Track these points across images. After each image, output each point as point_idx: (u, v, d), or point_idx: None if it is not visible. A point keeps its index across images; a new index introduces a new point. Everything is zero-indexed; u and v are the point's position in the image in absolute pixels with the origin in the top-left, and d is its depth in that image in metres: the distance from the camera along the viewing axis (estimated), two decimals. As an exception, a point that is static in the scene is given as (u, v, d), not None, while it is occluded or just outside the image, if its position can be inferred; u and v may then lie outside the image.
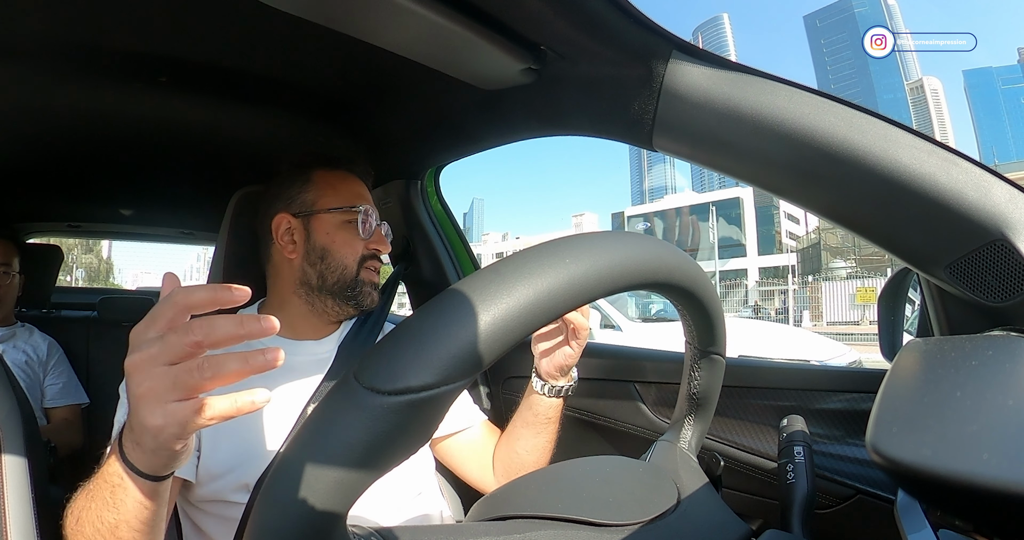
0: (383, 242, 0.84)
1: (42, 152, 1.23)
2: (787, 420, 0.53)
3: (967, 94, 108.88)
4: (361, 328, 0.86)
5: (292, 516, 0.24)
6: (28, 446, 0.70)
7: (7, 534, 0.63)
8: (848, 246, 27.87)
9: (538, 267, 0.29)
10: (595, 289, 0.30)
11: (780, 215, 34.12)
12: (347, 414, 0.25)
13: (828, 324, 19.80)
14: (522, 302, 0.27)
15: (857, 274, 25.32)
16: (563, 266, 0.29)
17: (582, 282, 0.29)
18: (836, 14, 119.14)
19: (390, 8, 0.58)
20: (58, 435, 1.47)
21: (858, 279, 22.57)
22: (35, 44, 0.77)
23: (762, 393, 0.81)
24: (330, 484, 0.24)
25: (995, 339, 0.40)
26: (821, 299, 20.98)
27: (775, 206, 33.80)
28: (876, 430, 0.24)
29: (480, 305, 0.27)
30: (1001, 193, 0.46)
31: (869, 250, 25.35)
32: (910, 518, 0.35)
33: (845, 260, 28.20)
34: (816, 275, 27.14)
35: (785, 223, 34.26)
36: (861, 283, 20.62)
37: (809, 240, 31.34)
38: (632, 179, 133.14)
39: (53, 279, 1.91)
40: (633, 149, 6.27)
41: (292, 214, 0.81)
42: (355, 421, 0.24)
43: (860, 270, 26.20)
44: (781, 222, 34.11)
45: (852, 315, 19.59)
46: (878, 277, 19.07)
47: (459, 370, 0.26)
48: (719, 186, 50.90)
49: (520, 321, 0.27)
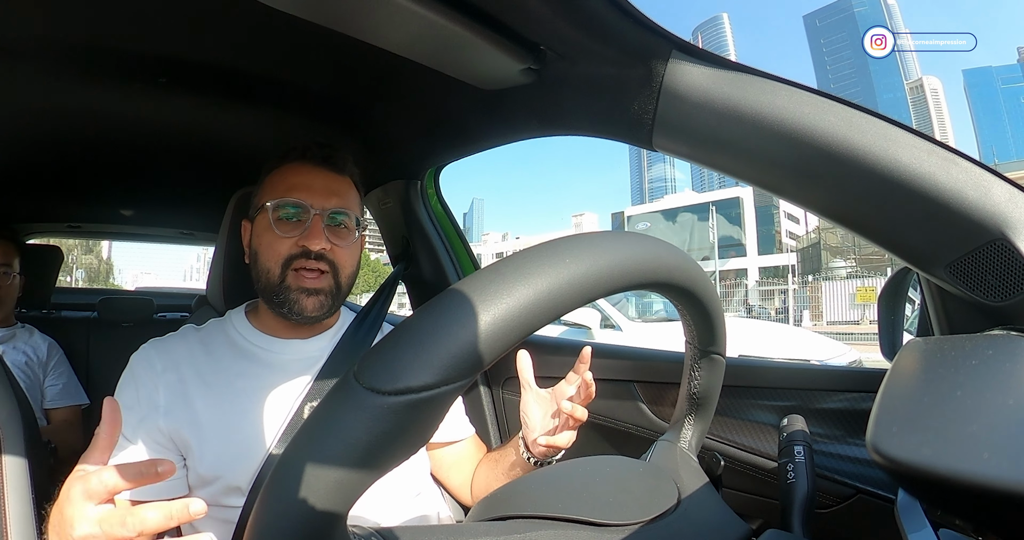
0: (313, 237, 0.71)
1: (42, 153, 1.23)
2: (787, 419, 0.52)
3: (967, 93, 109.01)
4: (359, 326, 0.84)
5: (292, 516, 0.24)
6: (29, 447, 0.70)
7: (8, 534, 0.63)
8: (848, 245, 27.92)
9: (538, 267, 0.29)
10: (595, 289, 0.30)
11: (780, 215, 34.16)
12: (347, 414, 0.25)
13: (828, 323, 19.80)
14: (522, 302, 0.27)
15: (857, 274, 25.32)
16: (563, 266, 0.29)
17: (582, 282, 0.29)
18: (836, 14, 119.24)
19: (390, 8, 0.58)
20: (58, 436, 1.47)
21: (858, 278, 22.59)
22: (35, 45, 0.77)
23: (762, 393, 0.81)
24: (330, 484, 0.24)
25: (995, 338, 0.40)
26: (821, 299, 21.00)
27: (775, 206, 33.87)
28: (876, 430, 0.24)
29: (480, 305, 0.27)
30: (1001, 192, 0.46)
31: (869, 249, 25.41)
32: (910, 518, 0.35)
33: (845, 259, 28.20)
34: (816, 275, 27.19)
35: (785, 223, 34.26)
36: (861, 282, 20.65)
37: (809, 240, 31.37)
38: (632, 178, 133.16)
39: (53, 280, 1.91)
40: (633, 147, 6.39)
41: (248, 218, 0.80)
42: (355, 421, 0.24)
43: (860, 269, 26.23)
44: (781, 222, 34.12)
45: (852, 315, 19.61)
46: (878, 276, 19.11)
47: (459, 370, 0.26)
48: (719, 186, 50.82)
49: (520, 321, 0.27)
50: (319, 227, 0.72)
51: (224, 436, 0.69)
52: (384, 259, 5.00)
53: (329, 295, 0.74)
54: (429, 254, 1.19)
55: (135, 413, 0.68)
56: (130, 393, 0.70)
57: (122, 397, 0.70)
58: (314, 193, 0.73)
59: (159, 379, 0.71)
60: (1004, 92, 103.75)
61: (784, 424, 0.52)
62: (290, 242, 0.72)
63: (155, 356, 0.73)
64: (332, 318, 0.83)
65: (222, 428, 0.70)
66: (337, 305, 0.77)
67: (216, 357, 0.75)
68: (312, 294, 0.73)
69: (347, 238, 0.75)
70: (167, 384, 0.71)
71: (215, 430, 0.69)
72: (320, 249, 0.71)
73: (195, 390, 0.71)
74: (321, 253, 0.72)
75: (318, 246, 0.71)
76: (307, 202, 0.72)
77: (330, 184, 0.76)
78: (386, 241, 1.33)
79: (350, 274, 0.77)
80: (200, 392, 0.71)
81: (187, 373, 0.72)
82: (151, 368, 0.72)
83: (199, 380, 0.72)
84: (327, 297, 0.74)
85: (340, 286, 0.75)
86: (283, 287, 0.72)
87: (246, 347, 0.76)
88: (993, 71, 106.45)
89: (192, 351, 0.75)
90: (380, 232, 1.33)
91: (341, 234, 0.75)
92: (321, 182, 0.75)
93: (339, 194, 0.76)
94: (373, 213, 1.33)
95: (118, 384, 0.73)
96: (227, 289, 0.89)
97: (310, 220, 0.72)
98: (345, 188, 0.78)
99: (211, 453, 0.68)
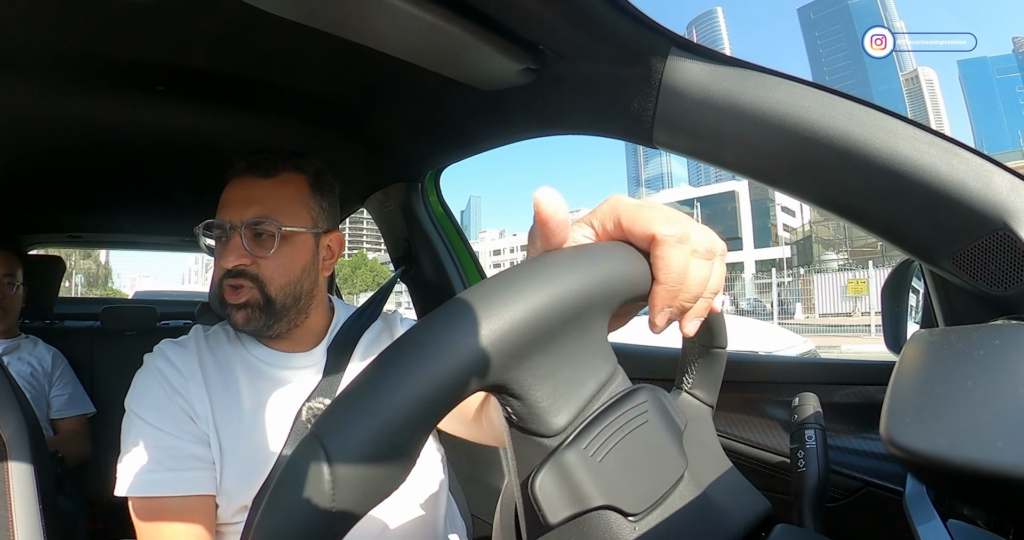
0: (226, 255, 0.70)
1: (42, 163, 1.23)
2: (799, 398, 0.48)
3: (962, 84, 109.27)
4: (356, 322, 0.84)
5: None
6: (34, 457, 0.70)
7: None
8: (840, 238, 27.94)
9: (504, 302, 0.26)
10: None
11: (776, 208, 34.17)
12: (309, 473, 0.24)
13: (820, 315, 19.84)
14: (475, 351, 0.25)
15: (848, 266, 25.31)
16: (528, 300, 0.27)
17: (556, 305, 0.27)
18: (830, 6, 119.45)
19: (387, 11, 0.58)
20: (66, 446, 1.47)
21: (849, 271, 22.60)
22: (30, 55, 0.77)
23: (765, 387, 0.81)
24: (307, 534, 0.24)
25: (1001, 328, 0.41)
26: (813, 291, 21.04)
27: (771, 199, 33.89)
28: (890, 422, 0.24)
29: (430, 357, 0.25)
30: (1003, 182, 0.46)
31: (860, 242, 25.66)
32: (919, 509, 0.35)
33: (837, 252, 28.23)
34: (808, 267, 27.24)
35: (781, 216, 34.27)
36: (852, 275, 20.71)
37: (803, 232, 31.41)
38: (628, 173, 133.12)
39: (56, 290, 1.91)
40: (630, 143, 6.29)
41: None
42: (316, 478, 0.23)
43: (852, 262, 26.22)
44: (777, 215, 34.14)
45: (844, 307, 19.65)
46: (870, 269, 19.17)
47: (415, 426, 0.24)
48: (715, 180, 50.44)
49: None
50: (236, 242, 0.71)
51: (237, 454, 0.69)
52: (382, 258, 4.86)
53: (256, 308, 0.72)
54: (431, 256, 1.19)
55: (171, 404, 0.69)
56: (159, 391, 0.70)
57: (149, 393, 0.70)
58: (231, 208, 0.72)
59: (187, 383, 0.71)
60: (999, 82, 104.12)
61: (796, 404, 0.48)
62: (220, 263, 0.72)
63: (175, 359, 0.73)
64: (323, 323, 0.82)
65: (236, 446, 0.70)
66: (272, 317, 0.73)
67: (225, 369, 0.75)
68: (239, 308, 0.72)
69: (268, 247, 0.71)
70: (194, 392, 0.71)
71: (231, 448, 0.70)
72: (234, 266, 0.70)
73: (214, 404, 0.71)
74: (238, 269, 0.71)
75: (230, 263, 0.70)
76: (225, 219, 0.72)
77: (250, 193, 0.73)
78: (387, 244, 1.33)
79: (283, 285, 0.73)
80: (218, 407, 0.71)
81: (205, 384, 0.72)
82: (176, 371, 0.72)
83: (215, 394, 0.72)
84: (254, 310, 0.72)
85: (270, 298, 0.72)
86: (224, 302, 0.73)
87: (252, 362, 0.76)
88: (988, 61, 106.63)
89: (204, 359, 0.75)
90: (381, 235, 1.34)
91: (262, 244, 0.72)
92: (240, 194, 0.73)
93: (259, 201, 0.72)
94: (374, 216, 1.33)
95: (136, 383, 0.72)
96: None
97: (229, 237, 0.72)
98: (269, 193, 0.73)
99: (231, 469, 0.69)
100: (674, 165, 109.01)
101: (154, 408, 0.69)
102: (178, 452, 0.67)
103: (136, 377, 0.73)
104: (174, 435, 0.68)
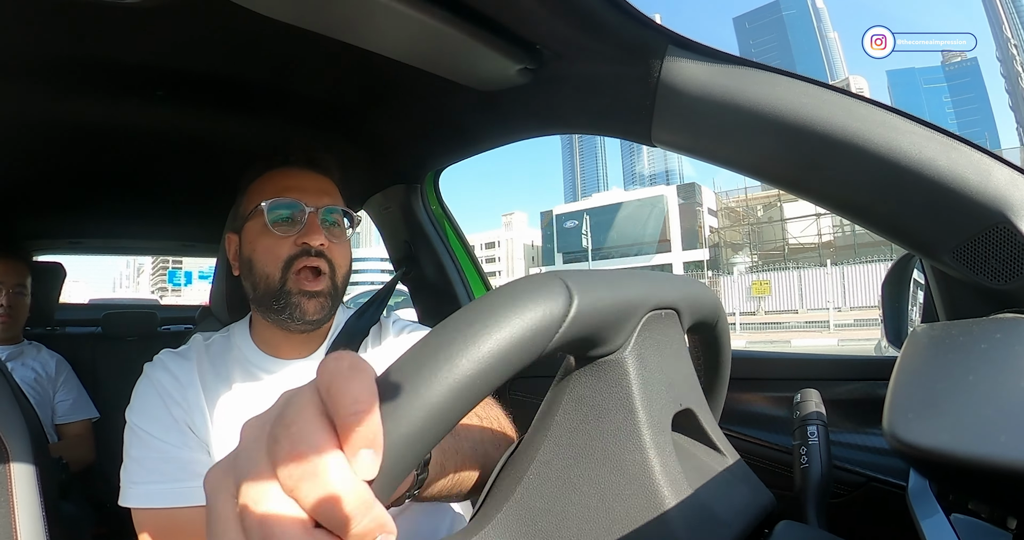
0: (313, 233, 0.69)
1: (44, 168, 1.23)
2: (800, 394, 0.48)
3: (890, 93, 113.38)
4: (356, 324, 0.83)
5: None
6: (37, 463, 0.70)
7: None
8: (748, 242, 29.42)
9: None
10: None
11: (704, 211, 34.82)
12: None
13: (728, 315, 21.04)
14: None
15: (756, 268, 26.80)
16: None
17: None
18: (765, 16, 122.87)
19: (385, 13, 0.58)
20: (71, 450, 1.47)
21: (755, 273, 24.32)
22: (32, 61, 0.78)
23: (767, 384, 0.81)
24: None
25: (1002, 322, 0.40)
26: (721, 292, 22.39)
27: (698, 203, 34.74)
28: (893, 417, 0.24)
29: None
30: (1002, 176, 0.46)
31: (767, 246, 27.83)
32: (922, 503, 0.35)
33: (748, 255, 29.42)
34: (716, 271, 29.12)
35: (708, 218, 34.73)
36: (756, 277, 22.72)
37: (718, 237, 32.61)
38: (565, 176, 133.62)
39: (57, 296, 1.91)
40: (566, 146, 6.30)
41: (233, 231, 0.78)
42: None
43: (760, 264, 27.77)
44: (704, 217, 34.64)
45: (749, 306, 21.84)
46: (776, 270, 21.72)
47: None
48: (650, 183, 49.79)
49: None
50: (316, 223, 0.71)
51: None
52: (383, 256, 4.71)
53: (328, 296, 0.73)
54: (432, 258, 1.19)
55: (170, 415, 0.68)
56: (158, 402, 0.69)
57: (149, 404, 0.69)
58: (306, 192, 0.72)
59: (186, 393, 0.71)
60: (926, 92, 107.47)
61: (797, 400, 0.48)
62: (288, 242, 0.70)
63: (175, 369, 0.73)
64: (328, 325, 0.81)
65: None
66: (335, 307, 0.75)
67: (225, 379, 0.74)
68: (313, 297, 0.71)
69: (341, 236, 0.75)
70: (193, 403, 0.70)
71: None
72: (320, 245, 0.70)
73: (213, 414, 0.71)
74: (321, 250, 0.70)
75: (318, 242, 0.69)
76: (301, 201, 0.71)
77: (319, 184, 0.75)
78: (388, 245, 1.33)
79: (345, 274, 0.76)
80: (217, 418, 0.71)
81: (204, 395, 0.72)
82: (175, 381, 0.71)
83: (213, 404, 0.71)
84: (327, 299, 0.72)
85: (337, 287, 0.74)
86: (283, 292, 0.70)
87: (252, 371, 0.76)
88: (916, 72, 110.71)
89: (203, 369, 0.74)
90: (381, 237, 1.33)
91: (336, 232, 0.74)
92: (311, 183, 0.75)
93: (329, 193, 0.75)
94: (374, 218, 1.33)
95: (136, 394, 0.72)
96: (230, 299, 0.89)
97: (306, 218, 0.71)
98: (332, 188, 0.77)
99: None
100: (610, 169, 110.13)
101: (154, 419, 0.68)
102: (179, 463, 0.66)
103: (136, 388, 0.72)
104: (175, 446, 0.67)
